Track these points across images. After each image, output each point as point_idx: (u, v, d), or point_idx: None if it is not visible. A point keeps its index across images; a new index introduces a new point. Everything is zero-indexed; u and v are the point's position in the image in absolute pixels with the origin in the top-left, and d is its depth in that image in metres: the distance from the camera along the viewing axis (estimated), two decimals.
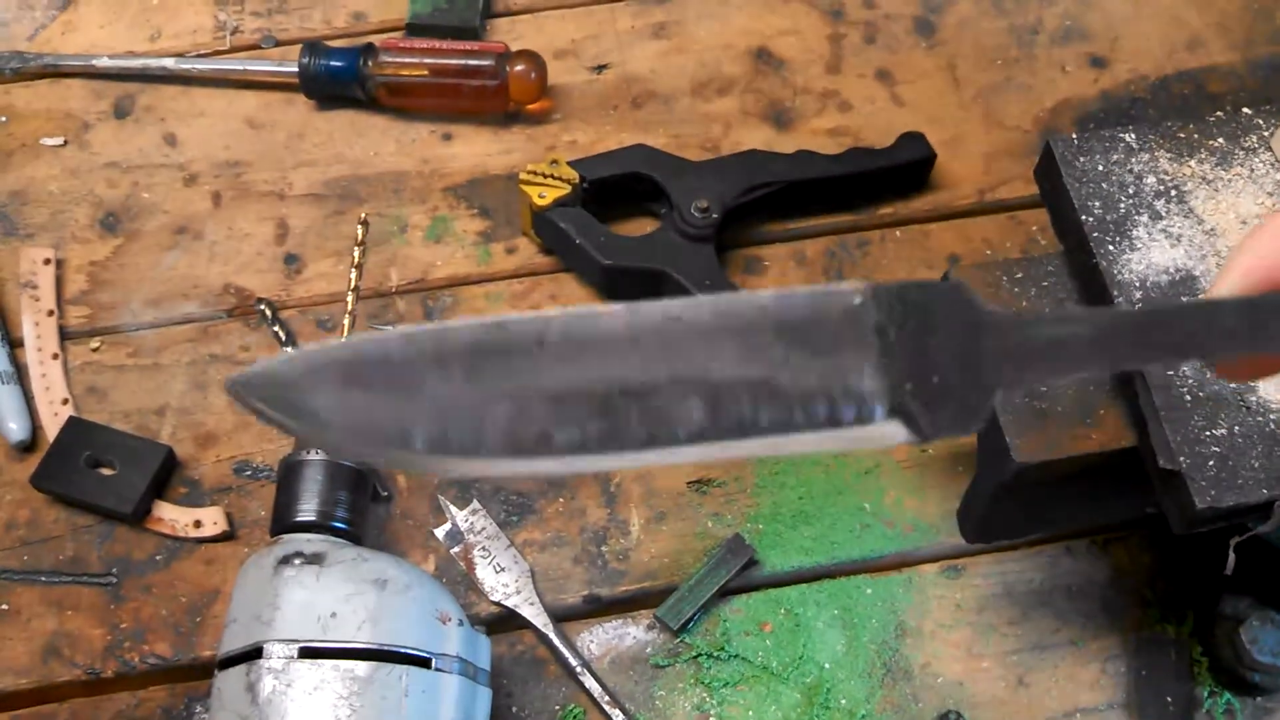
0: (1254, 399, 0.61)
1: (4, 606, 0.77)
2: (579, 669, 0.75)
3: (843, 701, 0.75)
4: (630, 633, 0.77)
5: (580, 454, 0.40)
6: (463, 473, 0.42)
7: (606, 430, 0.40)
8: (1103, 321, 0.42)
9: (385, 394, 0.40)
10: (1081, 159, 0.67)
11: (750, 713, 0.75)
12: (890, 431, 0.41)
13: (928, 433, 0.41)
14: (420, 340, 0.42)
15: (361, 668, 0.65)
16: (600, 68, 0.98)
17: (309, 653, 0.65)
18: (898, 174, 0.91)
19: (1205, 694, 0.74)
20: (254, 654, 0.65)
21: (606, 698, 0.75)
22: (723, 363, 0.41)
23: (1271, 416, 0.60)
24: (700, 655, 0.76)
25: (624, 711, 0.74)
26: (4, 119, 0.94)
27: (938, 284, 0.42)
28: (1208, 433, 0.59)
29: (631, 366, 0.41)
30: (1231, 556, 0.61)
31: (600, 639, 0.77)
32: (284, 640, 0.65)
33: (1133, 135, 0.68)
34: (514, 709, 0.75)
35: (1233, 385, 0.61)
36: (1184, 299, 0.64)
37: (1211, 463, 0.59)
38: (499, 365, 0.41)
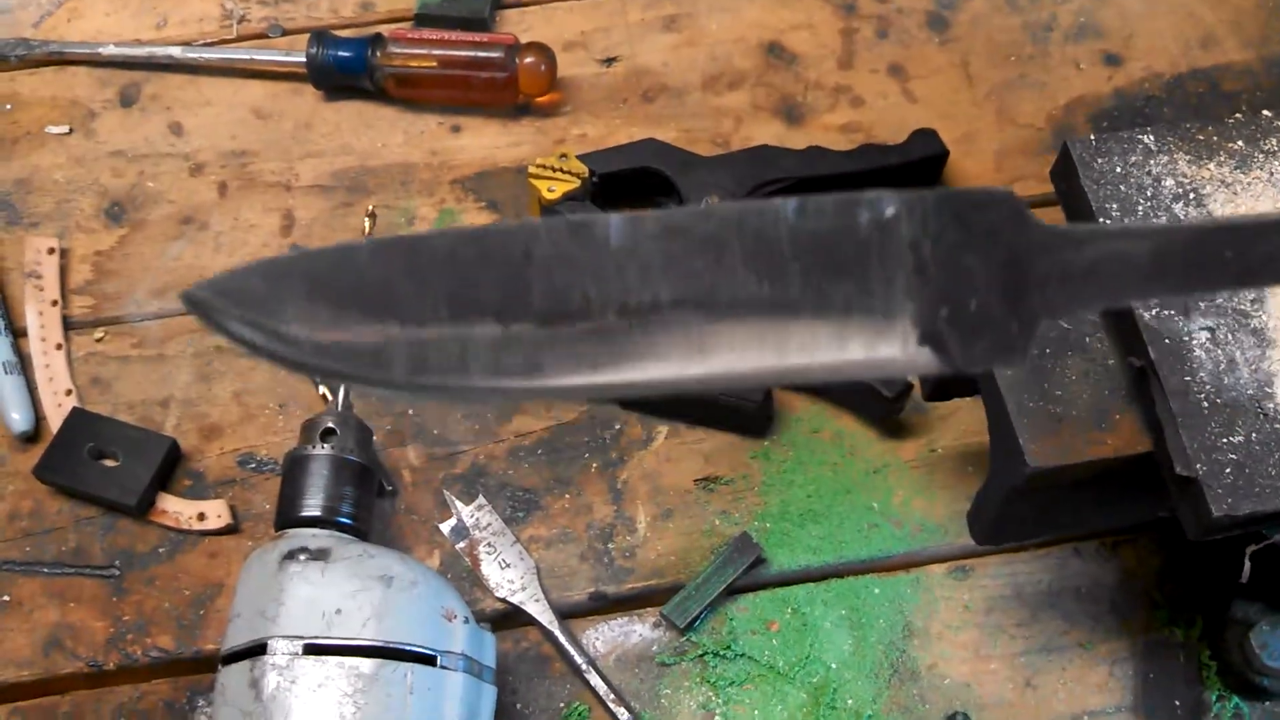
0: (1272, 406, 0.60)
1: (6, 598, 0.77)
2: (584, 666, 0.75)
3: (849, 702, 0.74)
4: (636, 630, 0.77)
5: (573, 376, 0.37)
6: (448, 398, 0.38)
7: (602, 353, 0.37)
8: (1168, 238, 0.38)
9: (356, 310, 0.37)
10: (1099, 160, 0.67)
11: (756, 712, 0.74)
12: (920, 360, 0.37)
13: (962, 365, 0.37)
14: (392, 252, 0.38)
15: (366, 665, 0.64)
16: (610, 60, 0.97)
17: (313, 649, 0.64)
18: (910, 171, 0.90)
19: (1214, 698, 0.74)
20: (258, 650, 0.65)
21: (612, 695, 0.74)
22: (733, 280, 0.37)
23: None
24: (706, 654, 0.76)
25: (629, 709, 0.74)
26: (9, 106, 0.94)
27: (982, 192, 0.38)
28: (1224, 440, 0.59)
29: (630, 283, 0.37)
30: (1247, 565, 0.60)
31: (606, 636, 0.77)
32: (288, 636, 0.65)
33: (1151, 137, 0.67)
34: (518, 706, 0.75)
35: (1250, 392, 0.60)
36: (1261, 212, 0.58)
37: (1228, 470, 0.58)
38: (481, 282, 0.37)
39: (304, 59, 0.92)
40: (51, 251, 0.86)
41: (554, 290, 0.37)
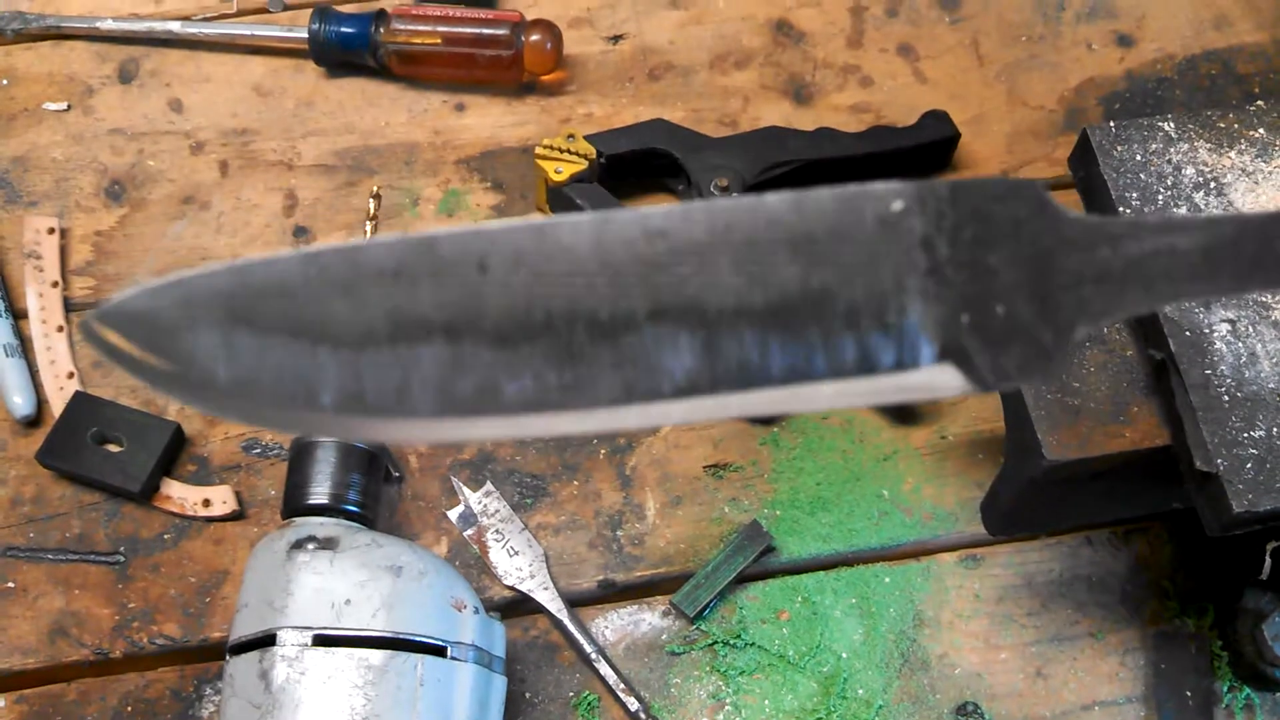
0: None
1: (10, 584, 0.76)
2: (594, 655, 0.74)
3: (860, 691, 0.74)
4: (645, 619, 0.76)
5: (535, 412, 0.32)
6: (384, 437, 0.33)
7: (569, 380, 0.32)
8: (1219, 230, 0.34)
9: (282, 335, 0.32)
10: (1119, 148, 0.66)
11: (766, 702, 0.74)
12: (940, 380, 0.32)
13: (989, 381, 0.32)
14: (325, 263, 0.33)
15: (376, 656, 0.64)
16: (616, 38, 0.96)
17: (323, 640, 0.64)
18: (921, 153, 0.89)
19: (1225, 689, 0.74)
20: (267, 640, 0.64)
21: (621, 684, 0.74)
22: (721, 289, 0.32)
23: None
24: (716, 643, 0.75)
25: (639, 699, 0.74)
26: (5, 82, 0.92)
27: (1000, 182, 0.34)
28: (1245, 434, 0.58)
29: (601, 295, 0.32)
30: (1269, 562, 0.60)
31: (615, 625, 0.76)
32: (297, 627, 0.64)
33: (1171, 124, 0.66)
34: (527, 694, 0.74)
35: (1271, 385, 0.60)
36: None
37: (1249, 465, 0.58)
38: (428, 296, 0.32)
39: (306, 35, 0.91)
40: (51, 231, 0.85)
41: (512, 303, 0.32)
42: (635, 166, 0.87)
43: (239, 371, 0.32)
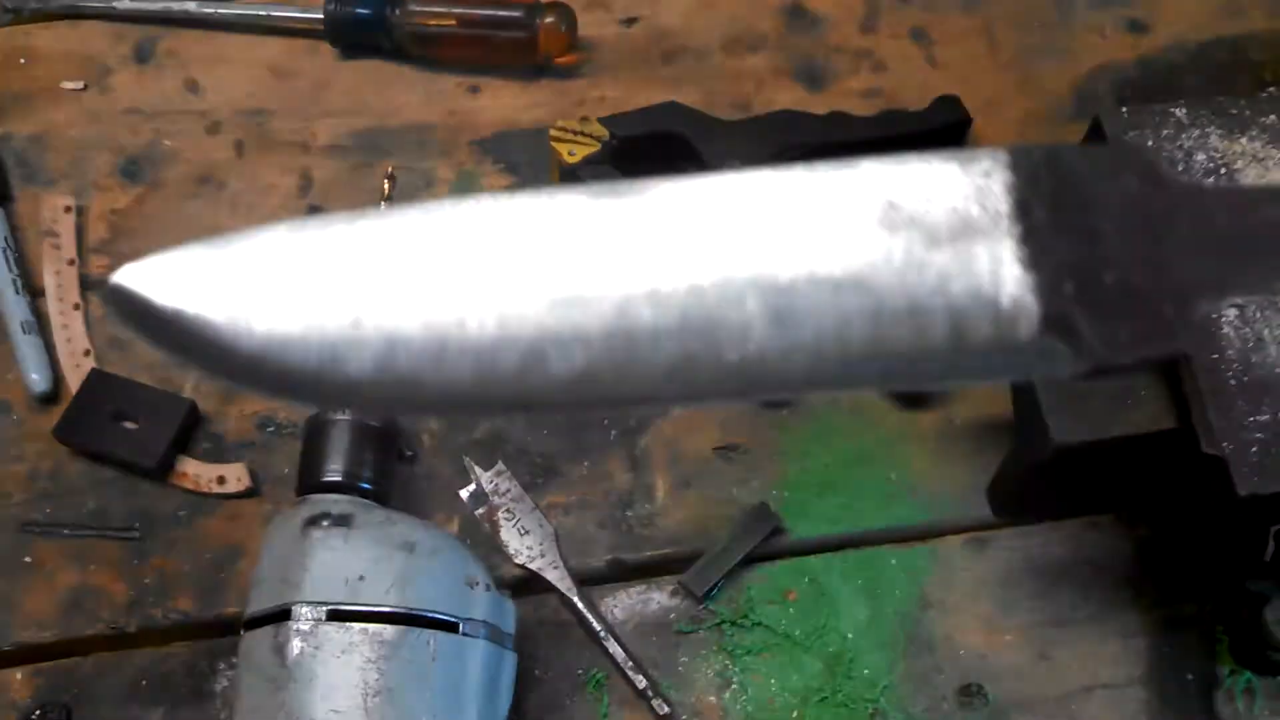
0: None
1: (27, 559, 0.77)
2: (603, 633, 0.75)
3: (865, 672, 0.75)
4: (654, 598, 0.77)
5: (587, 368, 0.30)
6: (424, 401, 0.32)
7: (620, 354, 0.30)
8: None
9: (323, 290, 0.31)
10: (1131, 133, 0.66)
11: (772, 681, 0.75)
12: (1044, 351, 0.29)
13: (1101, 355, 0.29)
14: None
15: (390, 631, 0.65)
16: (630, 20, 0.96)
17: (337, 615, 0.65)
18: (932, 137, 0.89)
19: (1226, 673, 0.74)
20: (282, 615, 0.65)
21: (630, 663, 0.75)
22: (793, 256, 0.30)
23: None
24: (724, 622, 0.76)
25: (647, 677, 0.74)
26: (24, 61, 0.93)
27: (1103, 147, 0.34)
28: (1252, 418, 0.59)
29: (655, 266, 0.30)
30: (1271, 544, 0.60)
31: (624, 604, 0.77)
32: (312, 602, 0.65)
33: (1183, 110, 0.67)
34: (537, 672, 0.75)
35: (1278, 370, 0.60)
36: None
37: (1255, 449, 0.58)
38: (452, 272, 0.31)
39: (321, 16, 0.91)
40: (68, 210, 0.86)
41: (553, 276, 0.31)
42: (648, 149, 0.87)
43: (270, 330, 0.31)
